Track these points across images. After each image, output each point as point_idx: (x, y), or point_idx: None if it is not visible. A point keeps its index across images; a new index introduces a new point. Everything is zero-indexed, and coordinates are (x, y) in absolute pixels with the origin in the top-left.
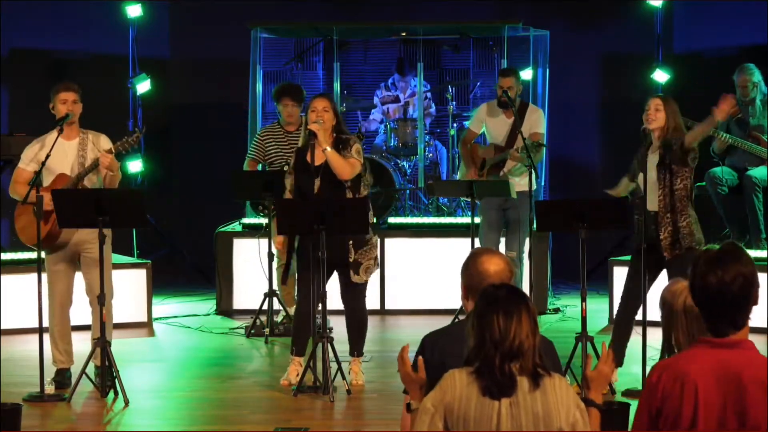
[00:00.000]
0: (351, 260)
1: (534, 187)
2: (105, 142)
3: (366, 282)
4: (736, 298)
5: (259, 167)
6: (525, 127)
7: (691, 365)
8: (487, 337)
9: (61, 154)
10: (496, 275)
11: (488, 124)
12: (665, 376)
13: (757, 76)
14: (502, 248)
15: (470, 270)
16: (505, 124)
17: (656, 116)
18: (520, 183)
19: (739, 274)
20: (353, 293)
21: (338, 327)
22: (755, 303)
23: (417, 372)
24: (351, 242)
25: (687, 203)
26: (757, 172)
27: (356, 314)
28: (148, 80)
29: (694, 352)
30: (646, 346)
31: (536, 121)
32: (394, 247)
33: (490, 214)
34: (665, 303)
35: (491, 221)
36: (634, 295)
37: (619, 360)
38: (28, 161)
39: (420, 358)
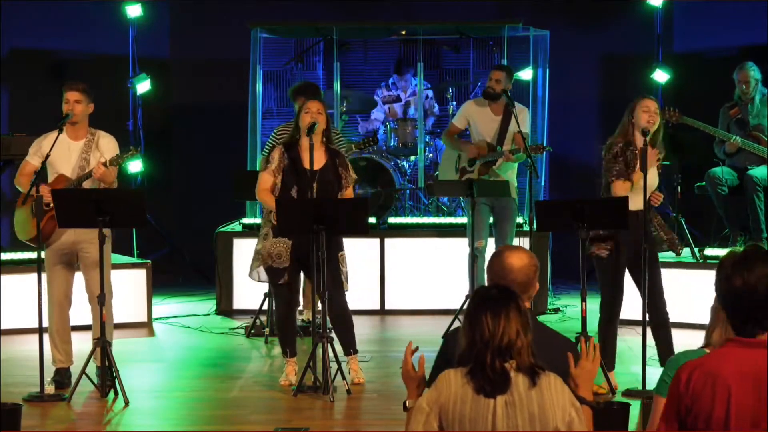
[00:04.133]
0: (344, 270)
1: (514, 180)
2: (107, 144)
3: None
4: (763, 300)
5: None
6: (512, 126)
7: (722, 365)
8: (477, 337)
9: (66, 153)
10: (520, 270)
11: (475, 120)
12: (696, 375)
13: (757, 73)
14: (491, 245)
15: (494, 267)
16: (494, 121)
17: (656, 119)
18: (506, 175)
19: (764, 275)
20: (338, 293)
21: None
22: None
23: (417, 370)
24: (341, 254)
25: None
26: (758, 172)
27: (342, 314)
28: (148, 80)
29: (725, 351)
30: (646, 346)
31: (523, 121)
32: (394, 247)
33: (477, 211)
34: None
35: (479, 219)
36: (622, 295)
37: (612, 363)
38: (32, 154)
39: (421, 355)
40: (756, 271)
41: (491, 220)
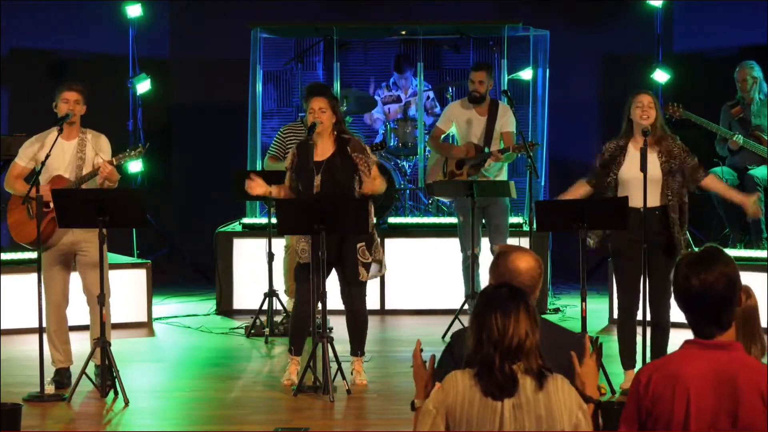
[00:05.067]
0: (368, 261)
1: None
2: (105, 144)
3: (367, 281)
4: (720, 298)
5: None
6: (496, 126)
7: (682, 367)
8: (485, 337)
9: (60, 154)
10: (527, 273)
11: (460, 122)
12: (656, 377)
13: (757, 72)
14: (485, 246)
15: (500, 268)
16: (479, 122)
17: (650, 113)
18: (495, 172)
19: (722, 274)
20: (357, 293)
21: (338, 327)
22: (739, 304)
23: (426, 369)
24: (364, 243)
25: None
26: (758, 172)
27: (358, 314)
28: (148, 80)
29: (685, 353)
30: (646, 346)
31: (508, 121)
32: (394, 247)
33: (469, 213)
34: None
35: (472, 220)
36: (636, 293)
37: (633, 362)
38: (26, 159)
39: (432, 355)
40: (714, 270)
41: (483, 221)
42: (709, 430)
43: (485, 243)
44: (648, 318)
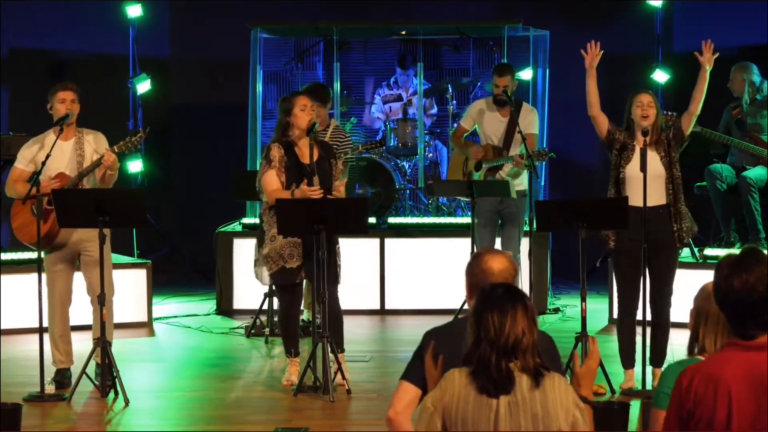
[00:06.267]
0: (340, 264)
1: (525, 186)
2: (102, 141)
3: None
4: (761, 299)
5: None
6: (518, 128)
7: (723, 368)
8: (483, 336)
9: (59, 154)
10: (500, 274)
11: (483, 122)
12: (697, 379)
13: (749, 75)
14: (498, 247)
15: (474, 269)
16: (501, 123)
17: (650, 112)
18: (516, 182)
19: (763, 275)
20: (336, 292)
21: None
22: None
23: (436, 369)
24: (338, 247)
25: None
26: (753, 173)
27: (339, 313)
28: (148, 80)
29: (725, 355)
30: (645, 346)
31: (531, 122)
32: (394, 247)
33: (485, 213)
34: (701, 305)
35: (487, 221)
36: (636, 293)
37: (632, 361)
38: (26, 162)
39: (440, 356)
40: (755, 272)
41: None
42: (751, 431)
43: (498, 241)
44: (648, 318)
